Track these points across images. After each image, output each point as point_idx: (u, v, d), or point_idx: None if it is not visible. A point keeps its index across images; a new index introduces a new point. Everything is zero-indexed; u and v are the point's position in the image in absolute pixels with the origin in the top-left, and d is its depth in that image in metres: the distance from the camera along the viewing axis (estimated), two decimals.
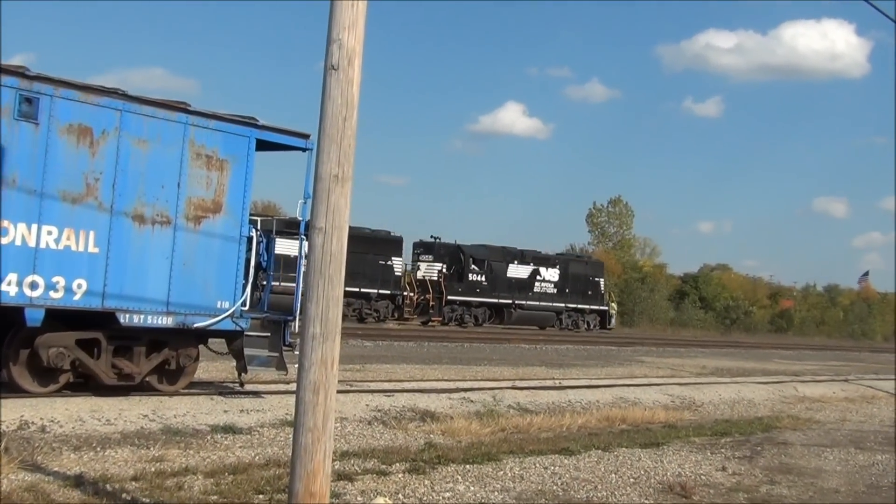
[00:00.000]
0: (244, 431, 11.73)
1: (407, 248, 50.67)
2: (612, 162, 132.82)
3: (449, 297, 49.89)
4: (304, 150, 13.86)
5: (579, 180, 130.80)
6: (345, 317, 47.24)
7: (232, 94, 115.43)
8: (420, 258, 51.23)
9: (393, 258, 47.56)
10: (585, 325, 57.57)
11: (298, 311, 13.35)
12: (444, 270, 50.09)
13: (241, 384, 14.43)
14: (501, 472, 10.38)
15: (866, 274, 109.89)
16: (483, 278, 51.51)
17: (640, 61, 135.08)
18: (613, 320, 60.28)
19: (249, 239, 13.52)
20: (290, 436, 9.00)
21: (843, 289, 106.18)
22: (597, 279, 59.01)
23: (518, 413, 15.53)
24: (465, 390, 16.70)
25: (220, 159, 13.00)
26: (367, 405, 14.23)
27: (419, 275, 50.00)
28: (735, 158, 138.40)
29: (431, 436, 12.87)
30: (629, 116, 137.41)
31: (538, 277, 54.90)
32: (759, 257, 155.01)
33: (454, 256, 50.96)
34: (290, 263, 43.98)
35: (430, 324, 48.70)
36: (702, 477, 11.07)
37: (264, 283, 14.51)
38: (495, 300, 52.08)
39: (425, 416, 14.18)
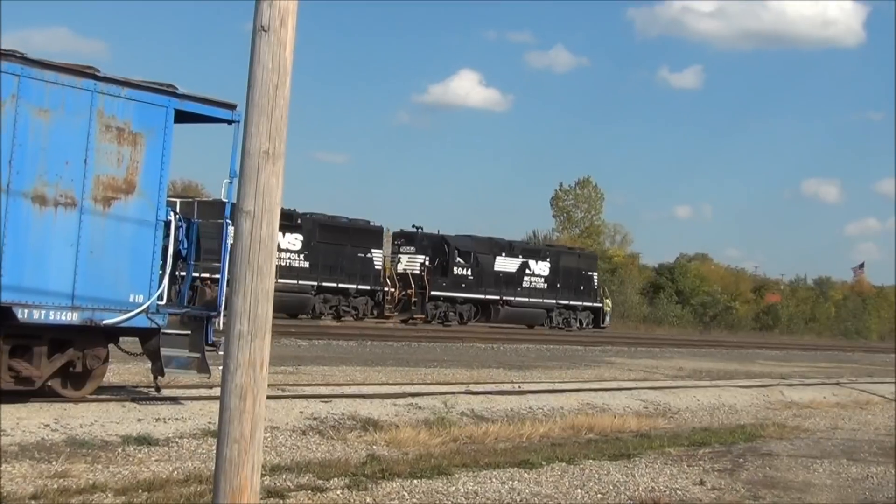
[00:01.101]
0: (160, 443, 11.66)
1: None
2: (578, 138, 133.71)
3: (432, 293, 50.65)
4: (229, 122, 13.77)
5: (542, 159, 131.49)
6: (321, 315, 47.96)
7: (146, 59, 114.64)
8: (401, 250, 52.02)
9: (372, 250, 48.23)
10: (578, 324, 58.29)
11: (223, 307, 13.28)
12: (427, 263, 50.91)
13: (158, 389, 14.33)
14: (453, 488, 10.41)
15: (861, 265, 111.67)
16: (469, 272, 52.41)
17: (609, 26, 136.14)
18: (608, 318, 61.03)
19: (167, 224, 13.42)
20: (214, 448, 8.97)
21: (836, 282, 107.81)
22: (590, 273, 59.82)
23: (472, 421, 15.58)
24: (413, 395, 16.72)
25: (133, 132, 12.88)
26: (302, 412, 14.20)
27: (400, 268, 50.73)
28: (716, 135, 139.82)
29: (374, 447, 12.90)
30: (598, 87, 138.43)
31: (527, 271, 55.82)
32: (742, 246, 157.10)
33: (438, 248, 51.82)
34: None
35: (411, 322, 49.22)
36: (677, 492, 11.18)
37: (184, 273, 14.41)
38: (482, 296, 52.97)
39: (367, 425, 14.19)
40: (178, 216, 13.85)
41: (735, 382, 25.75)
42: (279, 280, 44.80)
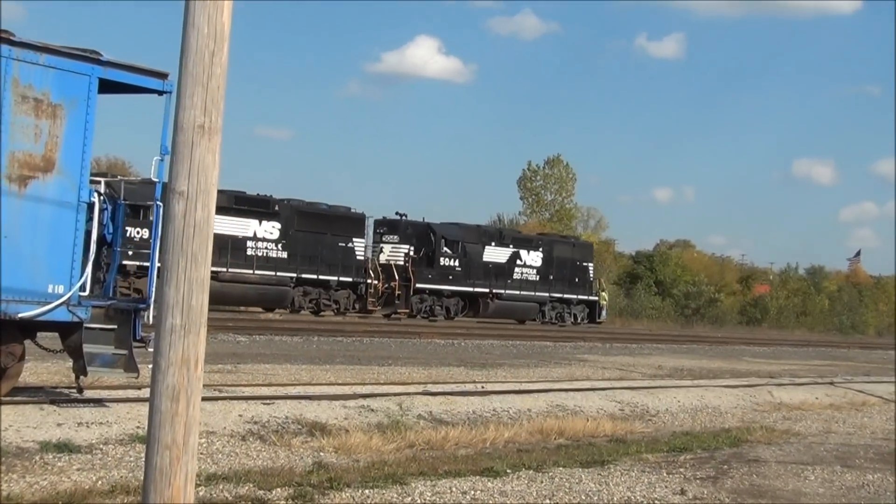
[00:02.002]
0: (83, 450, 11.60)
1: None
2: (548, 113, 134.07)
3: (417, 285, 51.44)
4: (160, 92, 13.68)
5: (508, 135, 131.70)
6: (300, 309, 48.40)
7: (67, 23, 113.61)
8: (383, 239, 52.77)
9: (354, 239, 49.05)
10: (572, 318, 58.80)
11: (153, 298, 13.22)
12: (412, 253, 51.77)
13: (80, 390, 14.24)
14: (409, 499, 10.43)
15: (858, 254, 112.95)
16: (456, 263, 53.35)
17: None
18: (605, 312, 61.59)
19: (90, 206, 13.33)
20: (143, 455, 8.93)
21: (830, 271, 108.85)
22: (585, 264, 60.61)
23: (430, 425, 15.61)
24: (365, 396, 16.73)
25: (52, 104, 12.77)
26: (241, 416, 14.18)
27: (382, 258, 51.51)
28: (699, 111, 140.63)
29: (322, 454, 12.91)
30: (569, 57, 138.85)
31: (518, 262, 56.82)
32: (727, 233, 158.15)
33: (423, 237, 52.73)
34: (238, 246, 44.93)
35: (393, 317, 49.55)
36: (656, 502, 11.25)
37: (109, 261, 14.32)
38: (470, 288, 53.91)
39: (314, 429, 14.20)
40: (102, 197, 13.75)
41: (719, 382, 25.92)
42: (256, 272, 45.28)
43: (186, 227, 5.79)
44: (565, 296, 58.66)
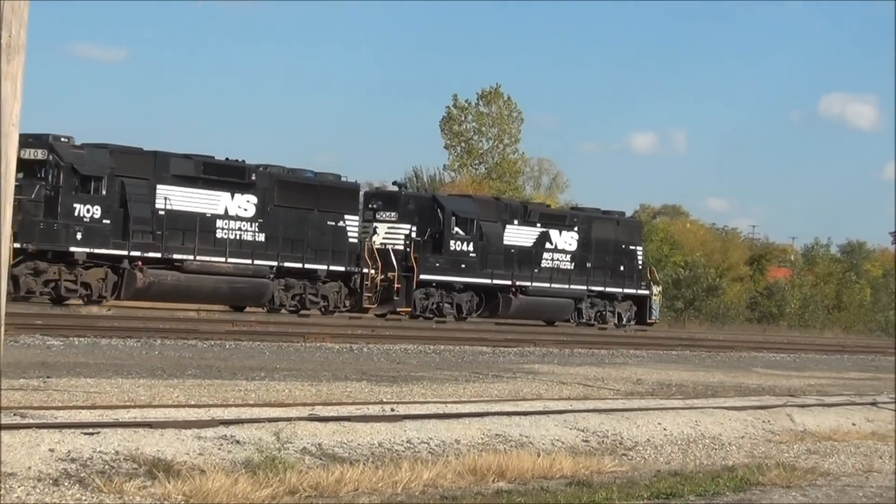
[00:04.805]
0: None
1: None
2: (482, 30, 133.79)
3: (422, 277, 53.28)
4: None
5: (426, 61, 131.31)
6: (281, 308, 49.16)
7: None
8: (377, 216, 54.76)
9: (346, 217, 50.93)
10: (616, 318, 59.44)
11: None
12: (415, 235, 53.76)
13: None
14: None
15: None
16: (470, 247, 55.26)
17: None
18: (657, 311, 62.12)
19: None
20: None
21: (872, 250, 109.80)
22: (633, 247, 61.74)
23: (320, 462, 15.60)
24: (228, 423, 16.64)
25: None
26: (53, 451, 14.03)
27: (376, 241, 53.41)
28: (692, 28, 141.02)
29: (167, 503, 12.84)
30: None
31: (548, 245, 58.87)
32: (732, 196, 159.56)
33: (427, 214, 55.09)
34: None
35: (391, 316, 50.25)
36: None
37: None
38: (488, 280, 55.72)
39: (156, 469, 14.03)
40: None
41: (721, 402, 25.95)
42: (229, 260, 45.40)
43: None
44: (607, 289, 59.44)
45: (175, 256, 45.91)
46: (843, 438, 22.92)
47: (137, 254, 45.14)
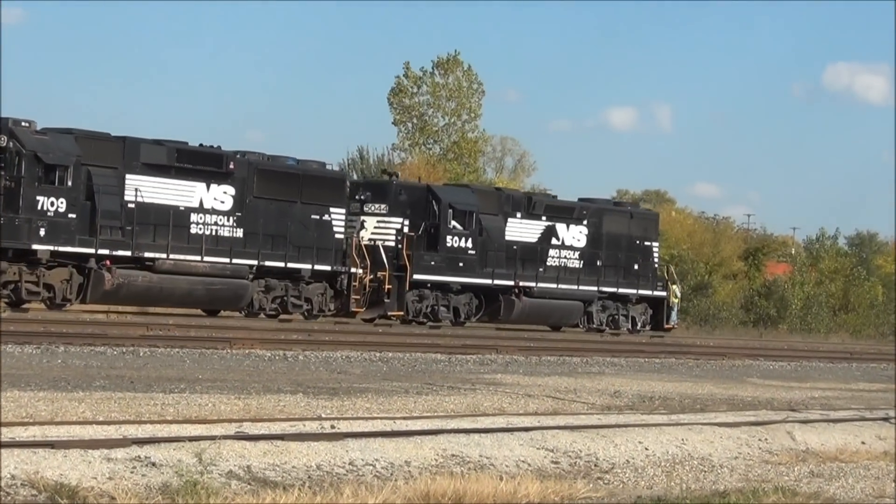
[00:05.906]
0: None
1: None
2: None
3: (416, 277, 55.80)
4: None
5: (372, 23, 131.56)
6: (260, 312, 51.24)
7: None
8: (364, 209, 57.32)
9: (332, 209, 53.53)
10: (630, 323, 59.91)
11: None
12: (407, 230, 56.25)
13: None
14: None
15: None
16: (469, 243, 58.06)
17: None
18: (675, 315, 62.63)
19: None
20: None
21: (885, 242, 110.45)
22: (648, 243, 62.78)
23: (248, 488, 15.56)
24: (142, 442, 16.61)
25: None
26: None
27: (364, 237, 55.98)
28: None
29: None
30: None
31: (554, 241, 62.10)
32: (724, 181, 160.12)
33: (420, 206, 57.44)
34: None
35: (380, 321, 51.18)
36: None
37: None
38: (488, 280, 58.48)
39: (58, 496, 13.99)
40: None
41: (711, 417, 25.91)
42: (205, 259, 45.66)
43: None
44: (620, 290, 59.99)
45: (146, 255, 46.22)
46: (851, 459, 22.80)
47: (106, 252, 45.49)
